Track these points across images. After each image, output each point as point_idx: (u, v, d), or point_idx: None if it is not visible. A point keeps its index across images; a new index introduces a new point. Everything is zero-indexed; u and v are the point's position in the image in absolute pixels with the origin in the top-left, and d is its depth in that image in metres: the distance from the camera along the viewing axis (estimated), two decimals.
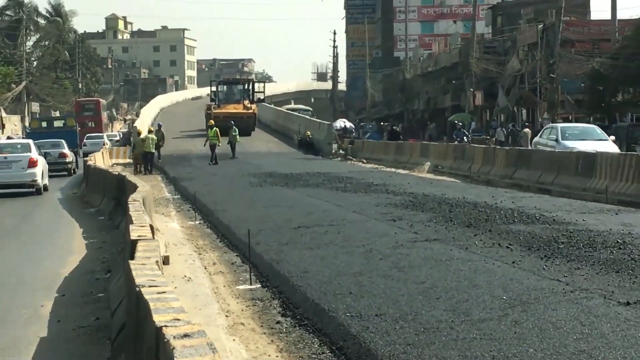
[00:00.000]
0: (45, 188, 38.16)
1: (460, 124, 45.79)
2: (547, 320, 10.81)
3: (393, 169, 47.18)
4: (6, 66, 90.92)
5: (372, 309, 11.93)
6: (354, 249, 17.41)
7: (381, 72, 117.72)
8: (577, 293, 12.39)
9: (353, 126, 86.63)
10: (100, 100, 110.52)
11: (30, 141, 42.84)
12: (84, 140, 73.33)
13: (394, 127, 74.39)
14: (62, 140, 54.53)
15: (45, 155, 41.86)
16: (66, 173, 45.69)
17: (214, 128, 51.14)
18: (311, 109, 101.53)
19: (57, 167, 45.67)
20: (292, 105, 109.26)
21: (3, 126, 63.59)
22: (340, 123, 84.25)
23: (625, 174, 29.57)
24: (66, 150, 52.19)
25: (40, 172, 37.33)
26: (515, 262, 15.20)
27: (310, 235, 19.57)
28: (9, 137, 66.32)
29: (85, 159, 45.16)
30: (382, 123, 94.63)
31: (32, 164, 36.97)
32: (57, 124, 73.64)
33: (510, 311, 11.42)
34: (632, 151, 39.93)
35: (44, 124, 74.92)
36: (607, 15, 61.41)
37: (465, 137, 48.31)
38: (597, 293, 12.34)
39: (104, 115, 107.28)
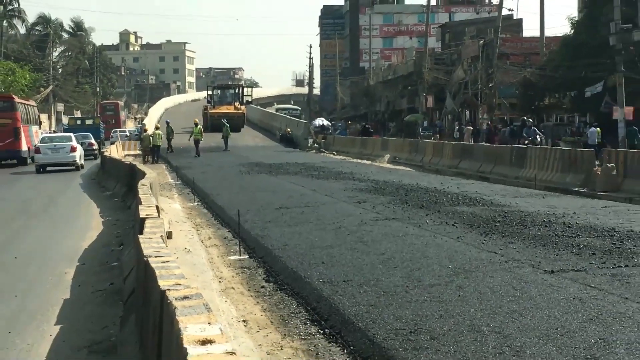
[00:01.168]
0: (82, 166, 43.67)
1: (531, 120, 42.22)
2: (486, 286, 10.85)
3: (358, 160, 47.18)
4: (36, 72, 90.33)
5: (341, 276, 11.95)
6: (325, 226, 17.42)
7: (349, 80, 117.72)
8: (510, 263, 12.43)
9: (330, 124, 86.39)
10: (119, 102, 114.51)
11: (72, 134, 48.33)
12: (111, 134, 78.78)
13: (367, 126, 74.36)
14: (90, 134, 59.60)
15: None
16: (92, 157, 47.86)
17: (199, 126, 51.10)
18: (299, 108, 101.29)
19: (86, 153, 48.69)
20: (283, 105, 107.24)
21: (41, 123, 64.95)
22: (319, 121, 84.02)
23: (550, 165, 29.75)
24: (93, 141, 56.87)
25: (78, 155, 43.87)
26: (460, 237, 15.25)
27: (290, 215, 19.56)
28: (54, 132, 72.74)
29: (102, 150, 47.50)
30: (348, 122, 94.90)
31: (73, 149, 43.40)
32: (88, 122, 77.80)
33: (455, 278, 11.45)
34: (557, 146, 40.07)
35: (79, 122, 79.89)
36: (537, 33, 61.53)
37: (537, 136, 43.92)
38: (527, 263, 12.38)
39: (122, 114, 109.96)
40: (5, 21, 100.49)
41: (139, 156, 48.42)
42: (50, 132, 68.33)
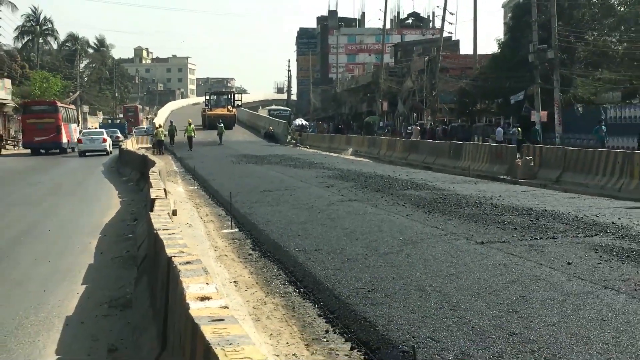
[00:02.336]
0: (111, 152, 47.91)
1: (603, 117, 39.85)
2: (429, 254, 10.89)
3: (327, 153, 47.21)
4: (66, 80, 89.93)
5: (313, 245, 11.96)
6: (300, 206, 17.43)
7: (320, 88, 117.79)
8: (448, 236, 12.49)
9: (307, 124, 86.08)
10: (138, 105, 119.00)
11: (104, 129, 58.48)
12: (133, 130, 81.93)
13: (340, 126, 74.50)
14: (117, 129, 68.95)
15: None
16: (119, 146, 46.72)
17: (192, 125, 51.25)
18: (289, 109, 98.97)
19: (114, 143, 52.79)
20: (276, 107, 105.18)
21: (79, 122, 66.70)
22: (299, 121, 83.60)
23: (481, 157, 29.91)
24: (119, 135, 64.56)
25: (108, 144, 49.57)
26: (408, 215, 15.31)
27: (272, 197, 19.54)
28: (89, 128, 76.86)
29: (120, 143, 49.36)
30: (319, 122, 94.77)
31: (104, 140, 49.34)
32: (117, 121, 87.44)
33: (405, 247, 11.49)
34: (486, 142, 40.30)
35: (109, 121, 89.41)
36: (471, 51, 61.68)
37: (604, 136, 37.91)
38: (462, 236, 12.45)
39: (140, 115, 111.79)
40: (41, 38, 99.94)
41: (150, 149, 48.22)
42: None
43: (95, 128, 76.68)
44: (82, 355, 6.93)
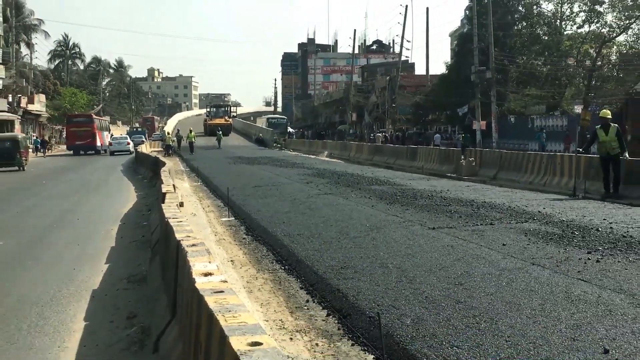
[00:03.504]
0: (133, 152, 48.35)
1: (544, 126, 38.45)
2: (390, 237, 10.93)
3: (307, 155, 47.24)
4: (90, 95, 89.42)
5: (295, 231, 11.96)
6: (285, 198, 17.42)
7: (301, 102, 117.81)
8: (406, 223, 12.53)
9: (294, 131, 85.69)
10: (155, 117, 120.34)
11: (128, 136, 62.28)
12: (152, 135, 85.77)
13: (322, 132, 74.21)
14: (141, 135, 73.96)
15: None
16: (135, 150, 47.92)
17: (193, 132, 51.30)
18: (286, 117, 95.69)
19: (136, 145, 52.96)
20: (274, 115, 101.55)
21: (109, 130, 68.94)
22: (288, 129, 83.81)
23: (432, 158, 30.04)
24: (143, 139, 68.22)
25: (131, 146, 53.04)
26: (373, 205, 15.34)
27: (262, 191, 19.52)
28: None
29: (136, 147, 49.48)
30: (300, 130, 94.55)
31: (128, 143, 54.58)
32: (139, 129, 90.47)
33: (370, 232, 11.52)
34: (437, 146, 40.48)
35: (134, 129, 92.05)
36: (424, 72, 62.04)
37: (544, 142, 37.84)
38: (417, 223, 12.49)
39: (156, 124, 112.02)
40: (70, 60, 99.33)
41: (161, 152, 48.16)
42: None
43: (121, 135, 79.58)
44: (106, 321, 6.91)
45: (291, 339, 6.23)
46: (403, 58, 65.38)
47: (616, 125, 16.85)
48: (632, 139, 30.81)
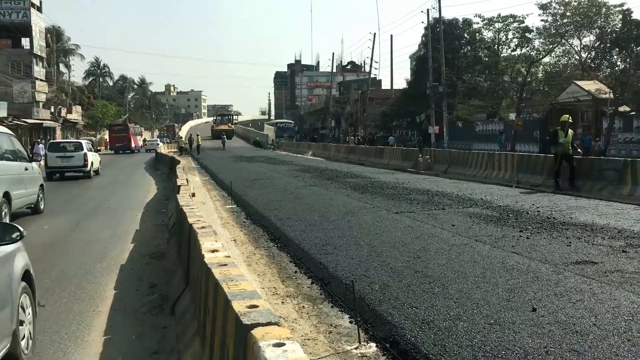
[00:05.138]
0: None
1: (502, 129, 36.51)
2: (362, 220, 10.95)
3: (295, 154, 47.10)
4: (118, 107, 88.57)
5: (286, 215, 11.95)
6: (277, 189, 17.39)
7: (290, 111, 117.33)
8: (375, 208, 12.56)
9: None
10: (175, 125, 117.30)
11: (158, 139, 70.44)
12: (174, 138, 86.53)
13: (315, 136, 71.70)
14: (166, 138, 78.56)
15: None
16: (155, 150, 48.79)
17: (199, 137, 51.52)
18: (293, 122, 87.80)
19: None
20: (282, 120, 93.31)
21: (142, 134, 72.09)
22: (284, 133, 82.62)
23: (396, 156, 30.09)
24: (159, 142, 64.84)
25: (160, 146, 52.96)
26: (349, 195, 15.36)
27: (258, 183, 19.46)
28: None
29: (155, 148, 47.63)
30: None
31: (159, 144, 57.12)
32: (164, 135, 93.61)
33: (346, 216, 11.53)
34: (391, 146, 40.53)
35: (162, 134, 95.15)
36: (389, 86, 62.00)
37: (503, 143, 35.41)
38: (384, 208, 12.53)
39: (176, 130, 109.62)
40: (101, 78, 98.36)
41: (176, 152, 47.83)
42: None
43: (153, 138, 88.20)
44: (132, 290, 6.87)
45: (282, 302, 6.23)
46: (372, 75, 65.43)
47: (572, 131, 16.42)
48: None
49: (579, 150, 16.41)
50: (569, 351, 4.37)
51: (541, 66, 44.52)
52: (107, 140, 63.33)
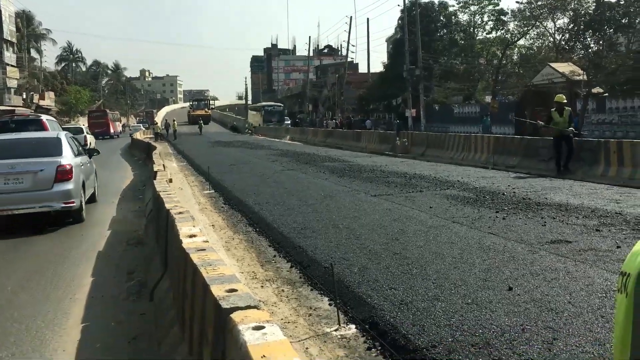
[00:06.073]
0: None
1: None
2: (341, 203, 10.97)
3: (273, 139, 46.92)
4: (92, 92, 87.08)
5: (264, 200, 11.92)
6: (255, 174, 17.33)
7: (267, 96, 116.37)
8: (353, 191, 12.59)
9: (289, 121, 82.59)
10: (154, 110, 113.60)
11: (141, 124, 72.34)
12: (151, 124, 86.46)
13: (297, 121, 69.31)
14: (147, 123, 77.57)
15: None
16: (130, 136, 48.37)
17: (175, 122, 50.95)
18: (282, 105, 77.84)
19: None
20: (267, 104, 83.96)
21: (120, 120, 73.45)
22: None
23: (374, 140, 30.15)
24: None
25: (142, 131, 53.43)
26: (327, 178, 15.37)
27: (236, 168, 19.37)
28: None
29: (130, 134, 47.50)
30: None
31: (141, 128, 58.39)
32: (144, 120, 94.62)
33: (325, 200, 11.54)
34: (377, 130, 40.61)
35: (141, 120, 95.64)
36: (366, 70, 61.93)
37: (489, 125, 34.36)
38: (362, 191, 12.56)
39: (154, 115, 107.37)
40: (74, 63, 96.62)
41: (152, 138, 47.34)
42: None
43: (135, 124, 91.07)
44: (110, 277, 6.80)
45: (262, 286, 6.23)
46: (349, 59, 65.26)
47: (569, 108, 15.65)
48: (530, 122, 31.39)
49: (575, 131, 15.57)
50: (545, 328, 4.45)
51: (516, 49, 44.80)
52: (86, 126, 63.07)
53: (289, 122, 65.91)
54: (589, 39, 34.89)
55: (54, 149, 10.34)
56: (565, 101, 15.72)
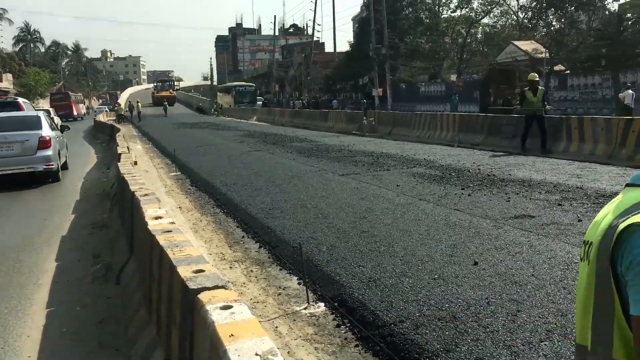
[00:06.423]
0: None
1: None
2: (309, 183, 10.97)
3: (239, 120, 46.48)
4: (52, 74, 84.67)
5: (231, 181, 11.84)
6: (222, 155, 17.18)
7: (233, 76, 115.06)
8: (321, 171, 12.59)
9: (262, 100, 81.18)
10: (118, 92, 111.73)
11: (105, 106, 69.43)
12: (115, 106, 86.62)
13: (265, 102, 67.14)
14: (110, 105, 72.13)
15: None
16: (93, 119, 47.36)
17: (139, 103, 49.89)
18: (254, 85, 72.15)
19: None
20: (240, 83, 76.31)
21: (83, 102, 71.13)
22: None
23: (341, 119, 30.12)
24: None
25: (101, 115, 48.18)
26: (294, 159, 15.33)
27: (202, 150, 19.17)
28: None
29: (94, 117, 46.07)
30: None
31: (105, 111, 56.56)
32: (108, 102, 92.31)
33: (293, 180, 11.52)
34: (345, 109, 40.60)
35: (105, 103, 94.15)
36: (332, 49, 61.67)
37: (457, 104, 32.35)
38: (329, 171, 12.58)
39: (118, 97, 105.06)
40: (32, 44, 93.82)
41: (116, 120, 46.40)
42: None
43: (100, 106, 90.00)
44: (74, 261, 6.69)
45: (231, 267, 6.21)
46: (315, 38, 64.96)
47: (543, 88, 15.48)
48: (494, 100, 31.81)
49: (548, 107, 15.47)
50: (509, 301, 4.55)
51: (480, 27, 45.21)
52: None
53: (260, 103, 61.91)
54: (551, 17, 35.40)
55: (35, 124, 13.12)
56: (538, 79, 15.62)
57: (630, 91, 21.09)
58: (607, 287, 1.22)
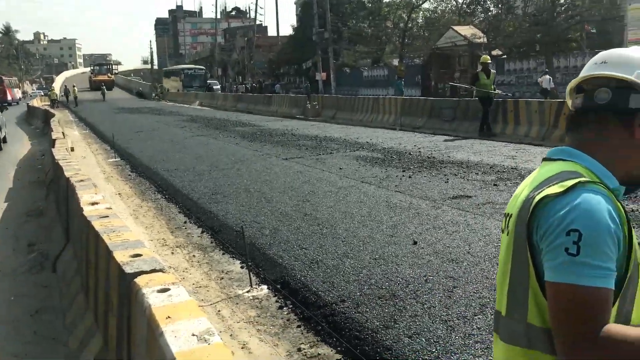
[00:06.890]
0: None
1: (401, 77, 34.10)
2: (252, 168, 10.93)
3: (182, 105, 45.60)
4: None
5: (173, 167, 11.67)
6: (164, 140, 16.87)
7: (174, 60, 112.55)
8: (264, 156, 12.56)
9: (214, 84, 78.44)
10: (54, 76, 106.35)
11: (41, 90, 64.93)
12: (48, 91, 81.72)
13: (209, 87, 63.10)
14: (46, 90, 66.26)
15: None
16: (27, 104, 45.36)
17: (75, 88, 48.38)
18: (204, 68, 67.12)
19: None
20: (190, 65, 71.02)
21: (19, 87, 67.74)
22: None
23: (285, 104, 30.04)
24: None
25: (35, 101, 44.95)
26: (237, 143, 15.22)
27: (143, 135, 18.75)
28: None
29: (27, 102, 44.31)
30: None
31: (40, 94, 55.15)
32: (44, 87, 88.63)
33: (236, 165, 11.45)
34: (277, 93, 40.42)
35: (41, 87, 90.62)
36: (275, 33, 61.16)
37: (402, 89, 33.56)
38: (273, 155, 12.56)
39: (54, 81, 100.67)
40: None
41: (50, 105, 44.65)
42: None
43: (34, 90, 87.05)
44: (9, 250, 6.46)
45: (172, 253, 6.14)
46: (257, 22, 64.32)
47: (494, 71, 15.36)
48: (435, 85, 32.43)
49: (497, 92, 15.46)
50: (445, 277, 4.70)
51: (421, 12, 45.75)
52: None
53: (219, 87, 59.61)
54: (488, 2, 36.19)
55: None
56: (490, 62, 15.54)
57: (547, 76, 23.59)
58: (523, 256, 1.29)
